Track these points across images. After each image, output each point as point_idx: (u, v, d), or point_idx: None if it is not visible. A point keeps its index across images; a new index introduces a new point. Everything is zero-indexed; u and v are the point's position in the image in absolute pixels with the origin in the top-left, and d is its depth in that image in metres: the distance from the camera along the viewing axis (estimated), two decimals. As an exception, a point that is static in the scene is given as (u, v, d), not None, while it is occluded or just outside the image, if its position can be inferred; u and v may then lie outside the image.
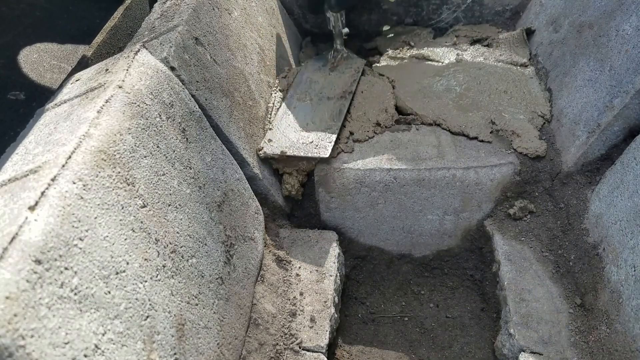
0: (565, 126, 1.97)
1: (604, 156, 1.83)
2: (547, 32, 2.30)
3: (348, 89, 2.27)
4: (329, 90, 2.31)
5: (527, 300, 1.71)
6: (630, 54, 1.70)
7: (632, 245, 1.51)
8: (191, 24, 1.78)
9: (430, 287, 2.16)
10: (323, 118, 2.15)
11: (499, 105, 2.13)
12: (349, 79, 2.34)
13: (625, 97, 1.68)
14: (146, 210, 1.27)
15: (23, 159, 1.25)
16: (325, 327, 1.73)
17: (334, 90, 2.30)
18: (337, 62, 2.43)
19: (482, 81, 2.24)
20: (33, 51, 2.85)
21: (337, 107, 2.19)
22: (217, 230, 1.59)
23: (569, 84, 2.02)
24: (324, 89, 2.32)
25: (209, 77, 1.79)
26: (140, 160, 1.30)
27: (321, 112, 2.18)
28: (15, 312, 0.85)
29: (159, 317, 1.21)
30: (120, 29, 2.22)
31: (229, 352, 1.50)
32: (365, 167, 2.02)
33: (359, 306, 2.13)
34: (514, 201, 1.98)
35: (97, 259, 1.07)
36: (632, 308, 1.45)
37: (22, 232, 0.94)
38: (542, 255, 1.85)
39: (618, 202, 1.62)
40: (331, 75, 2.40)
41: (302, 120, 2.15)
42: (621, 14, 1.81)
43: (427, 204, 2.05)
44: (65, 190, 1.06)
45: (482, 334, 1.96)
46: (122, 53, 1.60)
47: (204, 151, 1.63)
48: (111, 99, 1.31)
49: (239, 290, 1.65)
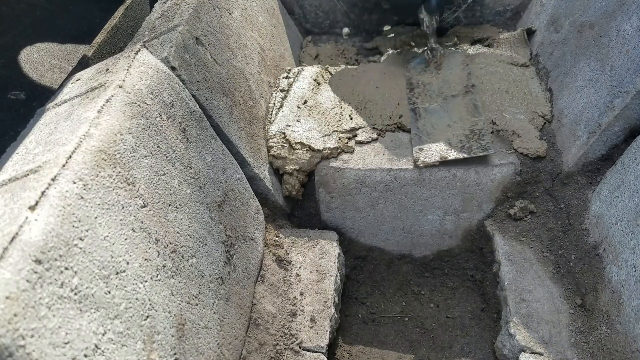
0: (565, 126, 1.97)
1: (605, 156, 1.83)
2: (548, 32, 2.30)
3: (468, 82, 2.23)
4: (448, 88, 2.26)
5: (528, 301, 1.71)
6: (631, 54, 1.70)
7: (632, 246, 1.51)
8: (192, 24, 1.78)
9: (430, 287, 2.16)
10: (462, 116, 2.10)
11: (500, 105, 2.13)
12: (462, 73, 2.28)
13: (626, 98, 1.68)
14: (146, 210, 1.27)
15: (23, 158, 1.25)
16: (325, 327, 1.73)
17: (454, 87, 2.25)
18: (439, 59, 2.39)
19: (483, 81, 2.24)
20: (33, 51, 2.85)
21: (470, 102, 2.15)
22: (217, 230, 1.59)
23: (569, 84, 2.02)
24: (442, 88, 2.27)
25: (210, 76, 1.79)
26: (140, 160, 1.30)
27: (457, 111, 2.14)
28: (15, 312, 0.85)
29: (159, 317, 1.21)
30: (120, 28, 2.21)
31: (229, 352, 1.50)
32: (366, 167, 2.02)
33: (359, 306, 2.13)
34: (515, 201, 1.98)
35: (97, 259, 1.06)
36: (632, 308, 1.45)
37: (22, 232, 0.94)
38: (542, 255, 1.84)
39: (619, 202, 1.62)
40: (440, 73, 2.34)
41: (441, 122, 2.10)
42: (622, 14, 1.81)
43: (427, 204, 2.05)
44: (65, 190, 1.05)
45: (482, 334, 1.96)
46: (123, 53, 1.60)
47: (205, 151, 1.63)
48: (112, 99, 1.31)
49: (239, 290, 1.64)
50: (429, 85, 2.31)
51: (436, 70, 2.38)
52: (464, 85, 2.24)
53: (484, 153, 1.93)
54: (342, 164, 2.04)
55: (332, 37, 2.96)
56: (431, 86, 2.30)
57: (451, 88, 2.26)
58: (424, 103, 2.22)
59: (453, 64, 2.37)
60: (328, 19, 2.93)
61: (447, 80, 2.31)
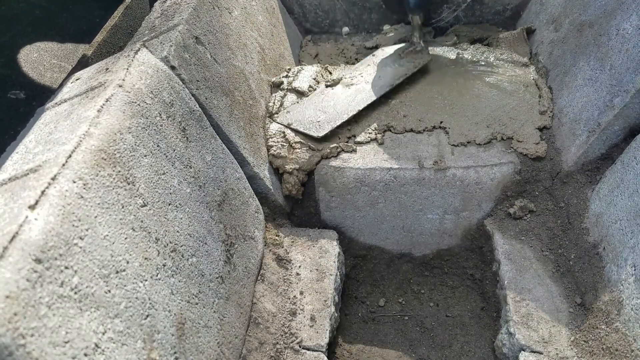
0: (565, 125, 1.97)
1: (604, 155, 1.83)
2: (548, 31, 2.30)
3: (391, 82, 2.27)
4: (380, 77, 2.32)
5: (527, 300, 1.71)
6: (631, 53, 1.70)
7: (632, 245, 1.51)
8: (191, 23, 1.78)
9: (430, 286, 2.16)
10: (339, 104, 2.19)
11: (500, 106, 2.13)
12: (398, 73, 2.33)
13: (625, 96, 1.68)
14: (146, 210, 1.27)
15: (23, 158, 1.25)
16: (325, 326, 1.73)
17: (383, 79, 2.30)
18: (406, 54, 2.44)
19: (477, 85, 2.24)
20: (33, 50, 2.85)
21: (363, 97, 2.21)
22: (217, 230, 1.59)
23: (569, 83, 2.02)
24: (380, 73, 2.34)
25: (209, 76, 1.79)
26: (140, 160, 1.30)
27: (345, 98, 2.22)
28: (16, 311, 0.85)
29: (159, 316, 1.21)
30: (120, 28, 2.21)
31: (229, 351, 1.50)
32: (366, 166, 2.02)
33: (359, 305, 2.13)
34: (514, 200, 1.98)
35: (97, 258, 1.07)
36: (632, 307, 1.45)
37: (22, 231, 0.94)
38: (542, 254, 1.85)
39: (618, 201, 1.62)
40: (395, 64, 2.40)
41: (322, 104, 2.21)
42: (621, 13, 1.81)
43: (427, 203, 2.05)
44: (65, 189, 1.06)
45: (482, 333, 1.97)
46: (123, 52, 1.60)
47: (204, 150, 1.63)
48: (111, 98, 1.31)
49: (239, 289, 1.65)
50: (382, 69, 2.37)
51: (398, 60, 2.42)
52: (388, 83, 2.28)
53: (312, 134, 2.06)
54: (342, 163, 2.04)
55: (332, 37, 2.96)
56: (383, 69, 2.37)
57: (380, 79, 2.31)
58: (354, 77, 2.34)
59: (408, 62, 2.39)
60: (328, 18, 2.93)
61: (386, 72, 2.35)
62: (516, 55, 2.35)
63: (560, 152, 1.96)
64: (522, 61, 2.32)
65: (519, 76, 2.24)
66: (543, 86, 2.16)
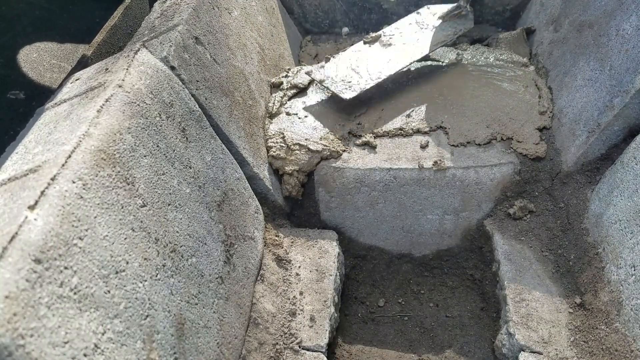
0: (565, 126, 1.97)
1: (604, 156, 1.83)
2: (547, 31, 2.30)
3: (425, 49, 2.25)
4: (418, 39, 2.30)
5: (527, 300, 1.71)
6: (630, 53, 1.70)
7: (631, 245, 1.51)
8: (191, 24, 1.78)
9: (430, 286, 2.16)
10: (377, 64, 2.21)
11: (500, 107, 2.13)
12: (437, 39, 2.28)
13: (625, 97, 1.68)
14: (146, 210, 1.27)
15: (23, 158, 1.25)
16: (325, 327, 1.73)
17: (421, 42, 2.27)
18: (450, 17, 2.38)
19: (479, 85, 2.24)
20: (33, 50, 2.85)
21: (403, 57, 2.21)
22: (216, 230, 1.59)
23: (569, 83, 2.02)
24: (418, 35, 2.33)
25: (209, 76, 1.79)
26: (140, 160, 1.30)
27: (378, 60, 2.24)
28: (15, 312, 0.85)
29: (158, 317, 1.21)
30: (120, 28, 2.21)
31: (229, 351, 1.50)
32: (365, 166, 2.02)
33: (358, 306, 2.13)
34: (514, 201, 1.98)
35: (97, 259, 1.07)
36: (632, 307, 1.45)
37: (21, 232, 0.94)
38: (542, 254, 1.85)
39: (618, 201, 1.62)
40: (436, 28, 2.36)
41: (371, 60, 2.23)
42: (621, 14, 1.81)
43: (427, 204, 2.05)
44: (65, 189, 1.05)
45: (481, 333, 1.96)
46: (122, 52, 1.60)
47: (204, 150, 1.63)
48: (111, 99, 1.31)
49: (239, 289, 1.65)
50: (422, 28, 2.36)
51: (440, 20, 2.38)
52: (423, 46, 2.27)
53: (340, 93, 2.10)
54: (342, 163, 2.04)
55: (331, 37, 2.96)
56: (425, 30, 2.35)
57: (419, 42, 2.31)
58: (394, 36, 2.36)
59: (450, 27, 2.36)
60: (327, 18, 2.94)
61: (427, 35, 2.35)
62: (516, 56, 2.35)
63: (560, 153, 1.96)
64: (522, 61, 2.32)
65: (518, 76, 2.24)
66: (543, 86, 2.16)
